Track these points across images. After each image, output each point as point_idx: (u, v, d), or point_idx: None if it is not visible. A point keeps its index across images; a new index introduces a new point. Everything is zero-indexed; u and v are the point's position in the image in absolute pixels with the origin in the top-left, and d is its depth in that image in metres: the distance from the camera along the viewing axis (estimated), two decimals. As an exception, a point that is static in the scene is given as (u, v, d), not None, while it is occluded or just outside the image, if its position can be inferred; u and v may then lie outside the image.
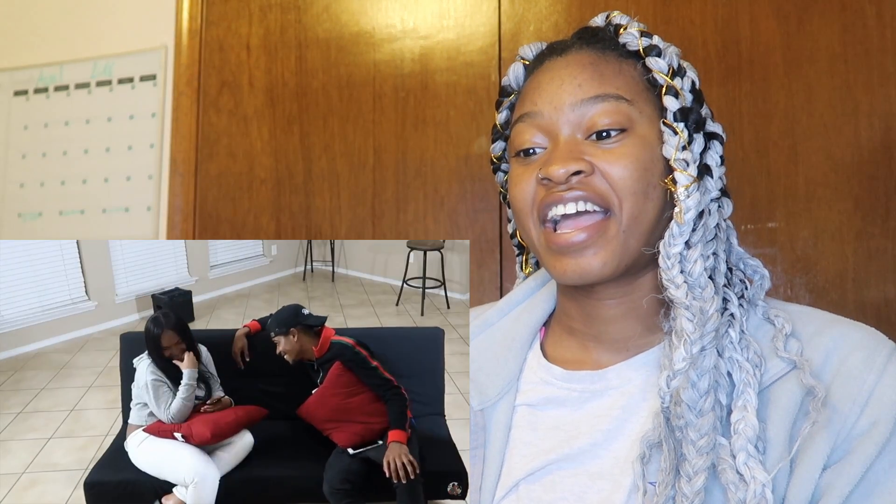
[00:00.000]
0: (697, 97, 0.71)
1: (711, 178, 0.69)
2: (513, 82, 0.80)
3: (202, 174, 1.73)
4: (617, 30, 0.73)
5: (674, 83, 0.69)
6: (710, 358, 0.64)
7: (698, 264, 0.66)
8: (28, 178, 1.90)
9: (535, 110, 0.71)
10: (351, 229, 1.61)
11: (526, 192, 0.71)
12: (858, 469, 0.58)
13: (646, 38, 0.71)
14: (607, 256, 0.67)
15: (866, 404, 0.59)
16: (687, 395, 0.62)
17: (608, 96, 0.68)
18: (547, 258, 0.71)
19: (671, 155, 0.67)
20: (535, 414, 0.74)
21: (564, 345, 0.78)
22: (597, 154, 0.68)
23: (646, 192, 0.67)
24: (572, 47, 0.73)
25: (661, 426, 0.63)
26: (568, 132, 0.69)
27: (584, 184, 0.67)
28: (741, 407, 0.62)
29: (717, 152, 0.71)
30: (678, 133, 0.67)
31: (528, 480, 0.70)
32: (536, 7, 1.50)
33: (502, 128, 0.82)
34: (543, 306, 0.82)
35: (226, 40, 1.75)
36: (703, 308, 0.64)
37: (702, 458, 0.60)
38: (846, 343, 0.63)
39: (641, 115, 0.69)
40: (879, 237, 1.27)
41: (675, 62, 0.71)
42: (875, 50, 1.30)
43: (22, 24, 1.96)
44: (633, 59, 0.72)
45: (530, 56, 0.79)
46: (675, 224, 0.67)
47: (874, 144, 1.29)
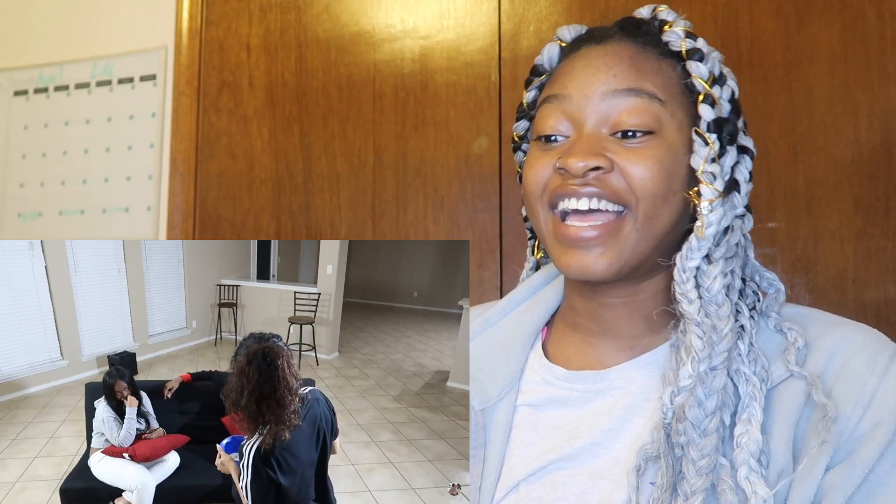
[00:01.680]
0: (735, 108, 0.69)
1: (739, 193, 0.67)
2: (546, 62, 0.76)
3: (202, 174, 1.73)
4: (661, 26, 0.70)
5: (712, 91, 0.67)
6: (720, 378, 0.62)
7: (718, 281, 0.64)
8: (28, 178, 1.90)
9: (563, 94, 0.69)
10: (351, 229, 1.60)
11: (540, 177, 0.69)
12: (861, 470, 0.57)
13: (690, 39, 0.68)
14: (614, 257, 0.66)
15: (869, 406, 0.59)
16: (692, 414, 0.61)
17: (642, 92, 0.66)
18: (553, 247, 0.69)
19: (699, 166, 0.65)
20: (536, 414, 0.73)
21: (567, 341, 0.77)
22: (619, 152, 0.65)
23: (665, 197, 0.65)
24: (613, 37, 0.70)
25: (660, 440, 0.62)
26: (593, 124, 0.67)
27: (600, 180, 0.65)
28: (745, 420, 0.60)
29: (747, 167, 0.68)
30: (709, 144, 0.65)
31: (529, 480, 0.70)
32: (536, 7, 1.50)
33: (528, 107, 0.79)
34: (546, 306, 0.81)
35: (226, 40, 1.74)
36: (715, 326, 0.63)
37: (701, 478, 0.59)
38: (849, 345, 0.63)
39: (672, 118, 0.66)
40: (879, 237, 1.27)
41: (717, 69, 0.68)
42: (875, 50, 1.30)
43: (22, 24, 1.95)
44: (674, 60, 0.69)
45: (568, 38, 0.75)
46: (695, 238, 0.64)
47: (874, 144, 1.29)
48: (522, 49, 1.50)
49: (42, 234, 1.88)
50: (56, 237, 1.88)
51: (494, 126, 1.49)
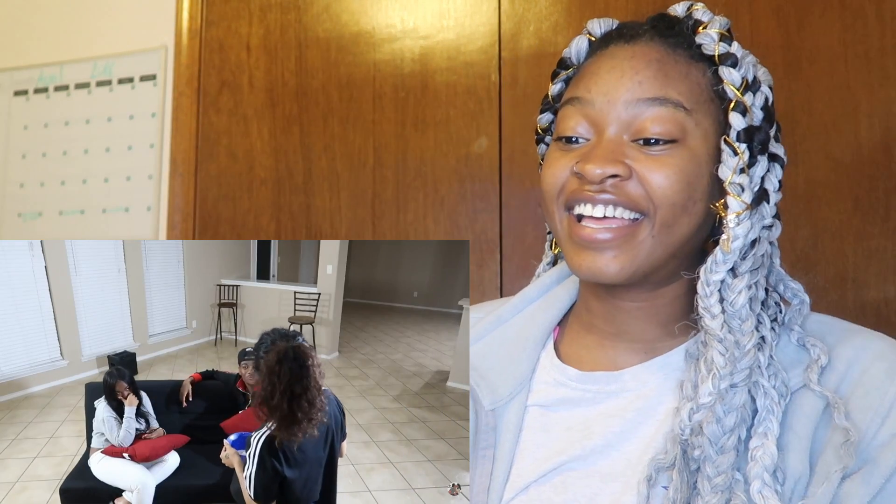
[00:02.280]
0: (768, 115, 0.66)
1: (768, 204, 0.65)
2: (573, 56, 0.74)
3: (202, 174, 1.73)
4: (696, 27, 0.67)
5: (744, 99, 0.64)
6: (741, 396, 0.60)
7: (742, 295, 0.62)
8: (28, 178, 1.90)
9: (587, 98, 0.67)
10: (351, 229, 1.60)
11: (557, 178, 0.68)
12: (878, 480, 0.57)
13: (724, 43, 0.65)
14: (626, 261, 0.64)
15: (888, 416, 0.58)
16: (710, 430, 0.59)
17: (667, 101, 0.63)
18: (567, 247, 0.68)
19: (727, 177, 0.62)
20: (547, 415, 0.72)
21: (581, 342, 0.75)
22: (639, 159, 0.64)
23: (685, 206, 0.63)
24: (642, 36, 0.67)
25: (674, 452, 0.61)
26: (615, 130, 0.65)
27: (617, 188, 0.64)
28: (761, 434, 0.59)
29: (777, 176, 0.66)
30: (738, 154, 0.63)
31: (539, 482, 0.69)
32: (536, 7, 1.50)
33: (553, 100, 0.77)
34: (559, 305, 0.79)
35: (226, 40, 1.74)
36: (738, 342, 0.61)
37: (716, 495, 0.58)
38: (867, 353, 0.62)
39: (697, 127, 0.64)
40: (879, 237, 1.27)
41: (750, 74, 0.65)
42: (875, 50, 1.30)
43: (22, 24, 1.95)
44: (705, 64, 0.66)
45: (598, 33, 0.72)
46: (720, 251, 0.62)
47: (874, 144, 1.29)
48: (522, 49, 1.50)
49: (42, 234, 1.88)
50: (56, 237, 1.88)
51: (494, 126, 1.49)
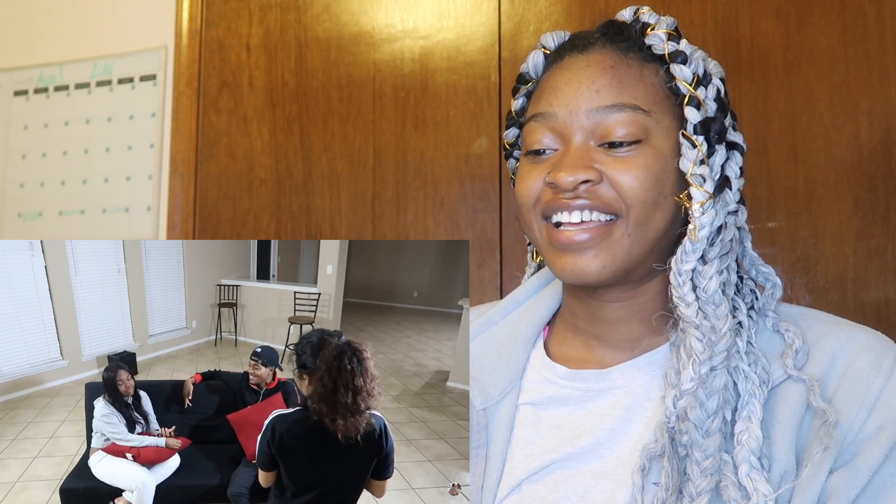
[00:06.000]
0: (722, 106, 0.68)
1: (731, 190, 0.67)
2: (531, 70, 0.77)
3: (202, 174, 1.73)
4: (644, 29, 0.70)
5: (697, 93, 0.66)
6: (720, 378, 0.62)
7: (714, 281, 0.64)
8: (28, 178, 1.90)
9: (549, 111, 0.69)
10: (351, 229, 1.60)
11: (532, 190, 0.70)
12: (865, 473, 0.57)
13: (672, 42, 0.68)
14: (607, 260, 0.66)
15: (873, 408, 0.59)
16: (694, 415, 0.61)
17: (625, 106, 0.66)
18: (548, 253, 0.70)
19: (688, 169, 0.65)
20: (537, 413, 0.73)
21: (568, 343, 0.77)
22: (607, 162, 0.66)
23: (656, 202, 0.65)
24: (595, 45, 0.70)
25: (663, 441, 0.62)
26: (581, 138, 0.67)
27: (590, 192, 0.66)
28: (745, 418, 0.61)
29: (738, 163, 0.68)
30: (697, 146, 0.65)
31: (531, 480, 0.70)
32: (536, 7, 1.50)
33: (517, 115, 0.79)
34: (547, 305, 0.81)
35: (226, 40, 1.74)
36: (714, 326, 0.63)
37: (706, 479, 0.59)
38: (853, 346, 0.62)
39: (658, 125, 0.66)
40: (879, 237, 1.27)
41: (700, 69, 0.67)
42: (875, 50, 1.30)
43: (22, 24, 1.95)
44: (657, 64, 0.69)
45: (552, 46, 0.75)
46: (689, 241, 0.65)
47: (874, 144, 1.29)
48: (522, 49, 1.50)
49: (42, 234, 1.88)
50: (56, 237, 1.88)
51: (494, 126, 1.49)
